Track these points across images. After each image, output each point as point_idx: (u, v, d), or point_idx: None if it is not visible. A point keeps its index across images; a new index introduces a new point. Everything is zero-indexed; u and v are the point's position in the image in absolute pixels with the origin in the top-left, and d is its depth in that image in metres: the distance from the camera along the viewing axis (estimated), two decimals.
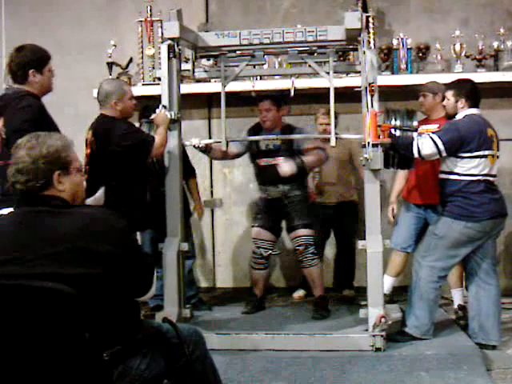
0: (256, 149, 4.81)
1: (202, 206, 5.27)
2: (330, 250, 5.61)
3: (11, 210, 2.23)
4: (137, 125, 4.42)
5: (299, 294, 5.46)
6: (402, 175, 4.93)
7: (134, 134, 4.09)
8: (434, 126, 4.43)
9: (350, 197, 5.34)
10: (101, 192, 2.52)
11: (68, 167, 2.18)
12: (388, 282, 4.75)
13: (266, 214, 4.86)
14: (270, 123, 4.75)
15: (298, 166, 4.61)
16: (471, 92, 4.08)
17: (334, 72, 4.29)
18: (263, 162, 4.79)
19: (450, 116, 4.16)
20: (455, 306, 4.72)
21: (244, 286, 5.38)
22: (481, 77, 5.13)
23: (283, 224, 4.93)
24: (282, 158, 4.68)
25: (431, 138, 3.93)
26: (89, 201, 2.43)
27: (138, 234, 4.75)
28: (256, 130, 4.82)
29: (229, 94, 4.45)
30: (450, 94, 4.12)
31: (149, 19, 5.72)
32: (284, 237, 5.25)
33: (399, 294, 5.04)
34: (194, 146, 4.52)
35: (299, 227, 4.75)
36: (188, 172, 5.07)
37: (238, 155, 4.91)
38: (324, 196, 5.29)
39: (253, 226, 4.95)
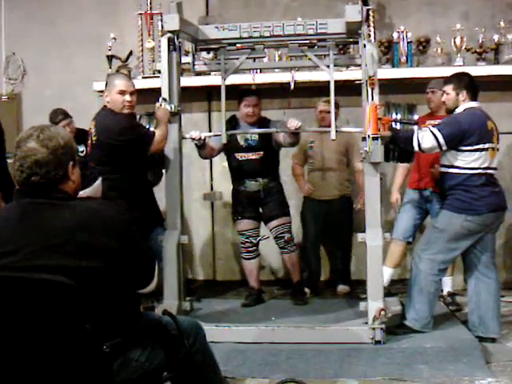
0: (236, 143, 4.81)
1: None
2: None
3: None
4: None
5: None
6: (403, 167, 4.96)
7: (135, 128, 4.09)
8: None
9: (345, 191, 5.32)
10: (98, 183, 2.51)
11: (75, 158, 2.19)
12: (387, 274, 4.73)
13: (246, 204, 4.90)
14: (255, 118, 4.78)
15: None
16: (470, 84, 4.06)
17: (335, 65, 4.28)
18: (243, 156, 4.82)
19: (450, 110, 4.15)
20: (444, 293, 4.80)
21: (244, 279, 5.38)
22: (481, 70, 5.13)
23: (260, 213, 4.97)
24: (261, 152, 4.77)
25: (431, 131, 3.92)
26: (87, 191, 2.41)
27: None
28: (233, 123, 4.81)
29: (229, 87, 4.44)
30: (449, 88, 4.08)
31: (149, 12, 5.71)
32: None
33: (398, 287, 5.05)
34: (192, 139, 4.51)
35: (280, 215, 4.87)
36: None
37: (219, 151, 4.90)
38: (319, 190, 5.27)
39: (236, 220, 4.97)
